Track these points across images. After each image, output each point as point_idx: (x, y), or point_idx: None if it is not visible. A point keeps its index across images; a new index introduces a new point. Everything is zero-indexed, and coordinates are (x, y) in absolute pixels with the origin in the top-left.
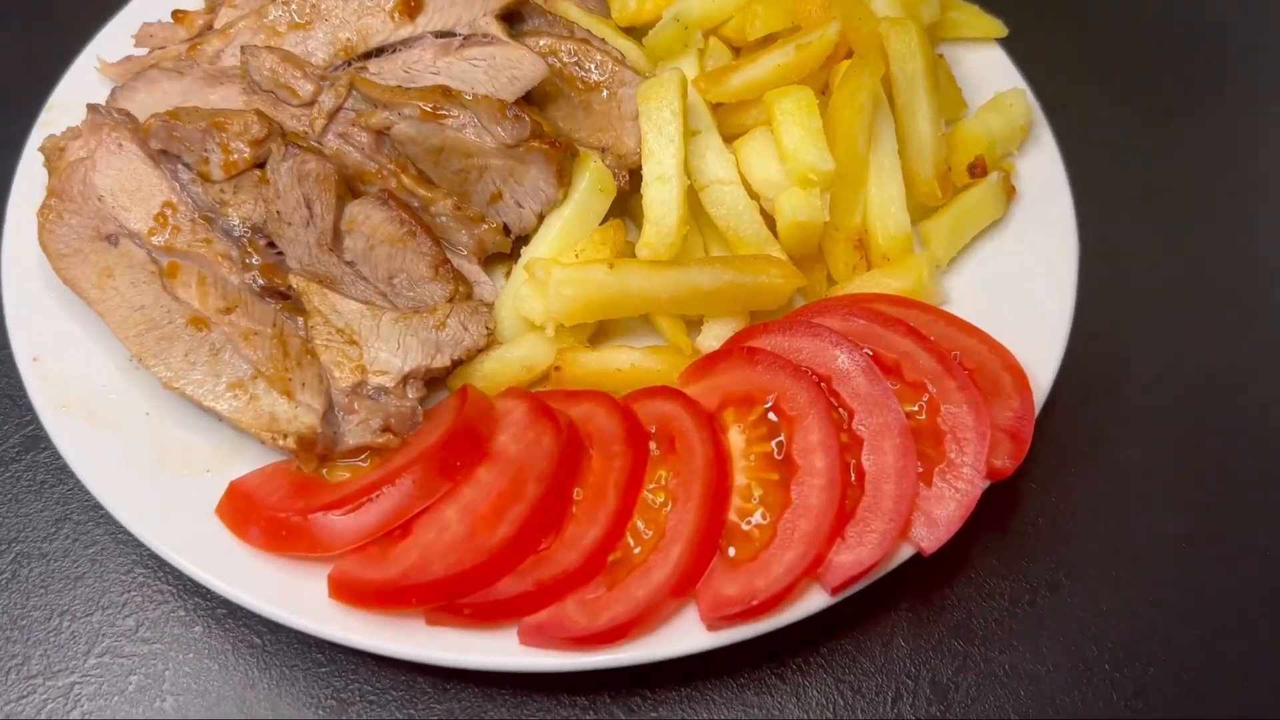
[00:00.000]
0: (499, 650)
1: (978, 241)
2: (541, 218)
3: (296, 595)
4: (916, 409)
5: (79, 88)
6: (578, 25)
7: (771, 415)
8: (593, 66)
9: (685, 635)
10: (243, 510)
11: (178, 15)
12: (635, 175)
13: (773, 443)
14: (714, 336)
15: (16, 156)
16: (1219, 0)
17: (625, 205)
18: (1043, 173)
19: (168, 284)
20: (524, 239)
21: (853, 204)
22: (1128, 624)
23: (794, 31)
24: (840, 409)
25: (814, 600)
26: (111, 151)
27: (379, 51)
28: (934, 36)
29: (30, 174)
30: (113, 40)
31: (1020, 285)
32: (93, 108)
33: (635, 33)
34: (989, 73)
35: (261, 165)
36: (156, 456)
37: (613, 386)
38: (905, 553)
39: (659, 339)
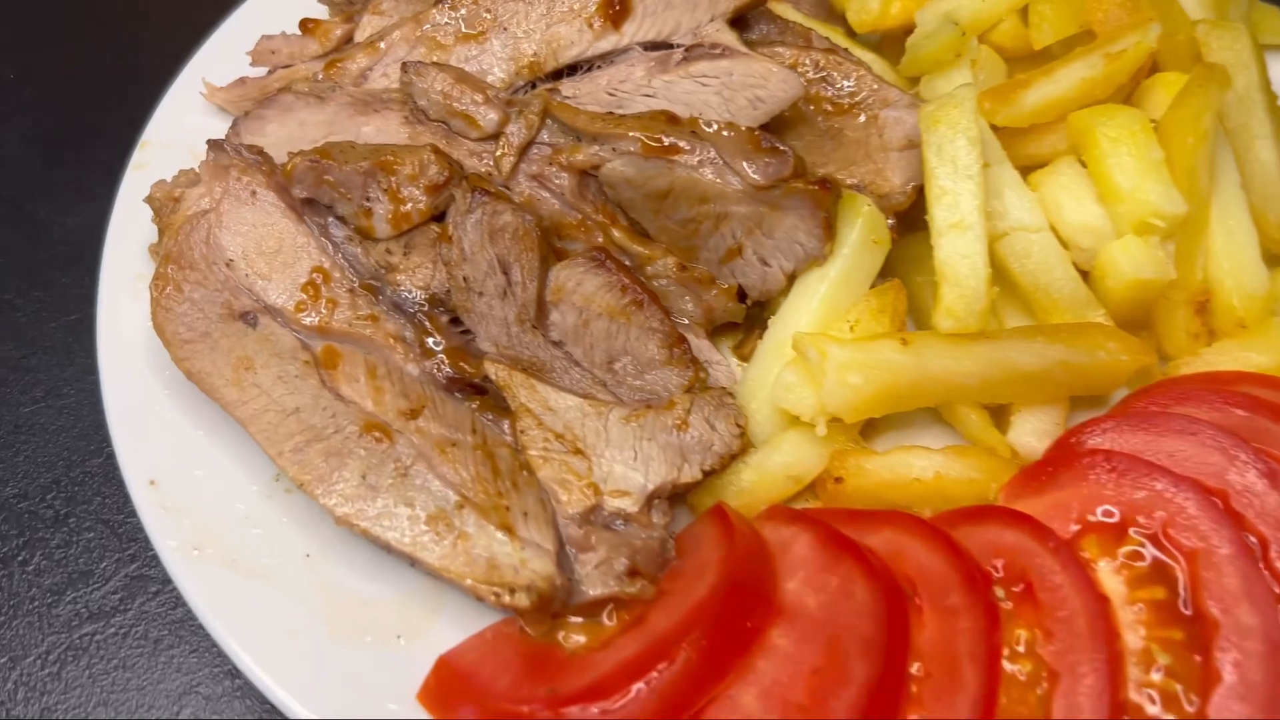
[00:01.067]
0: None
1: None
2: (792, 278)
3: None
4: None
5: (178, 120)
6: (815, 31)
7: (1149, 547)
8: (846, 84)
9: None
10: (460, 694)
11: (307, 25)
12: (902, 218)
13: (1167, 587)
14: (1032, 432)
15: (106, 210)
16: None
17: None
18: None
19: (327, 377)
20: (759, 305)
21: (1192, 255)
22: None
23: (1086, 38)
24: (1249, 536)
25: None
26: (243, 201)
27: (573, 69)
28: None
29: (126, 234)
30: (217, 58)
31: None
32: (215, 144)
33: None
34: None
35: (440, 218)
36: (327, 617)
37: (906, 501)
38: None
39: (948, 433)
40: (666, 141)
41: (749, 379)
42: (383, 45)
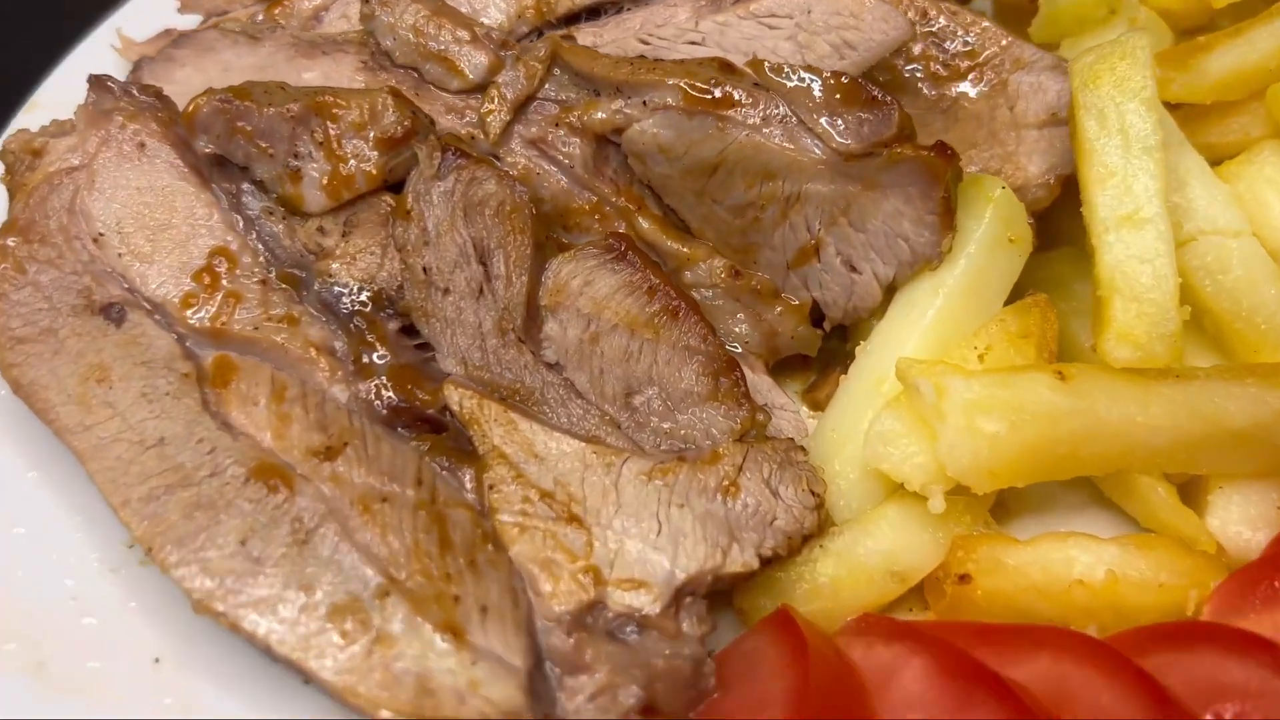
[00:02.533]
0: None
1: None
2: (891, 290)
3: None
4: None
5: (81, 80)
6: None
7: None
8: (964, 39)
9: None
10: None
11: None
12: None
13: None
14: (1243, 518)
15: None
16: None
17: None
18: None
19: (213, 398)
20: (839, 338)
21: None
22: None
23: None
24: None
25: None
26: (126, 157)
27: (595, 12)
28: None
29: None
30: (144, 9)
31: None
32: (98, 81)
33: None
34: None
35: (396, 187)
36: None
37: (1062, 614)
38: None
39: (1116, 518)
40: (718, 91)
41: (828, 429)
42: None
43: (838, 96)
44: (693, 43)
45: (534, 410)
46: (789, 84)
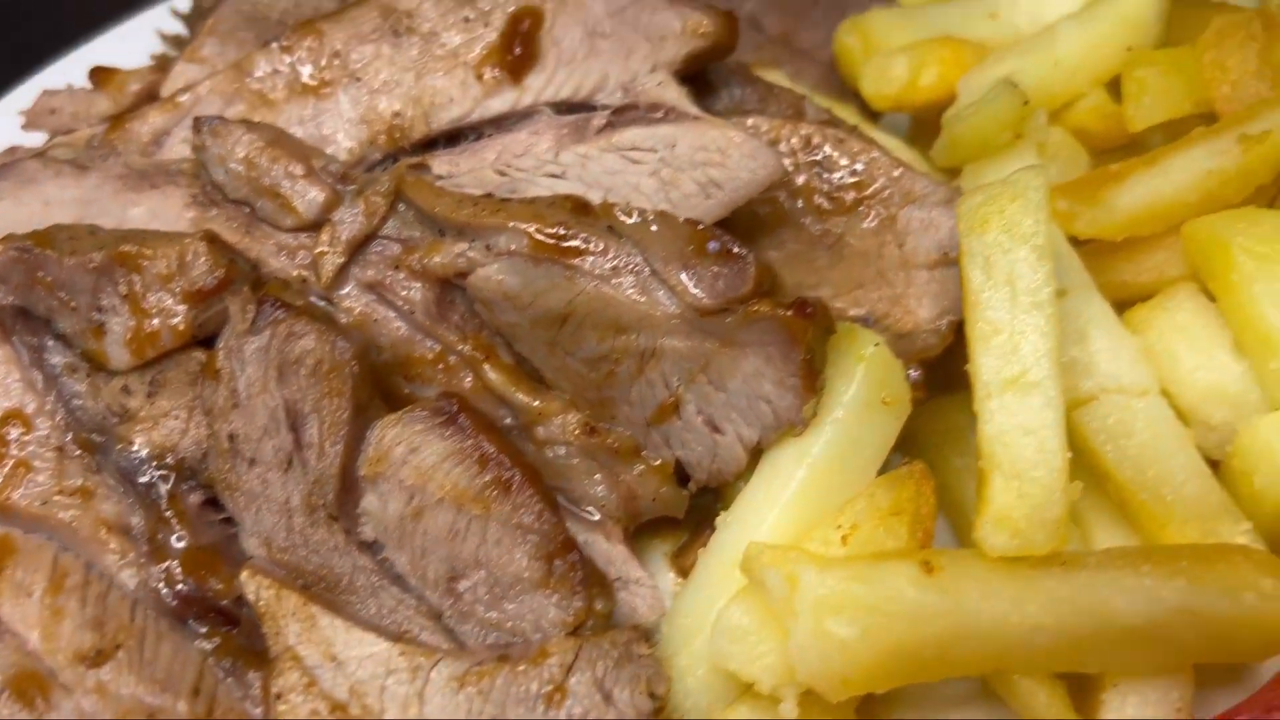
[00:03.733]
0: None
1: None
2: (758, 453)
3: None
4: None
5: None
6: (809, 100)
7: None
8: (850, 169)
9: None
10: None
11: (100, 75)
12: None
13: None
14: None
15: None
16: None
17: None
18: None
19: None
20: (713, 493)
21: None
22: None
23: (1199, 124)
24: None
25: None
26: None
27: (454, 138)
28: None
29: None
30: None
31: None
32: None
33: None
34: None
35: (207, 342)
36: None
37: None
38: None
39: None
40: (566, 237)
41: (679, 615)
42: (186, 100)
43: (691, 247)
44: (553, 175)
45: (341, 600)
46: (642, 231)
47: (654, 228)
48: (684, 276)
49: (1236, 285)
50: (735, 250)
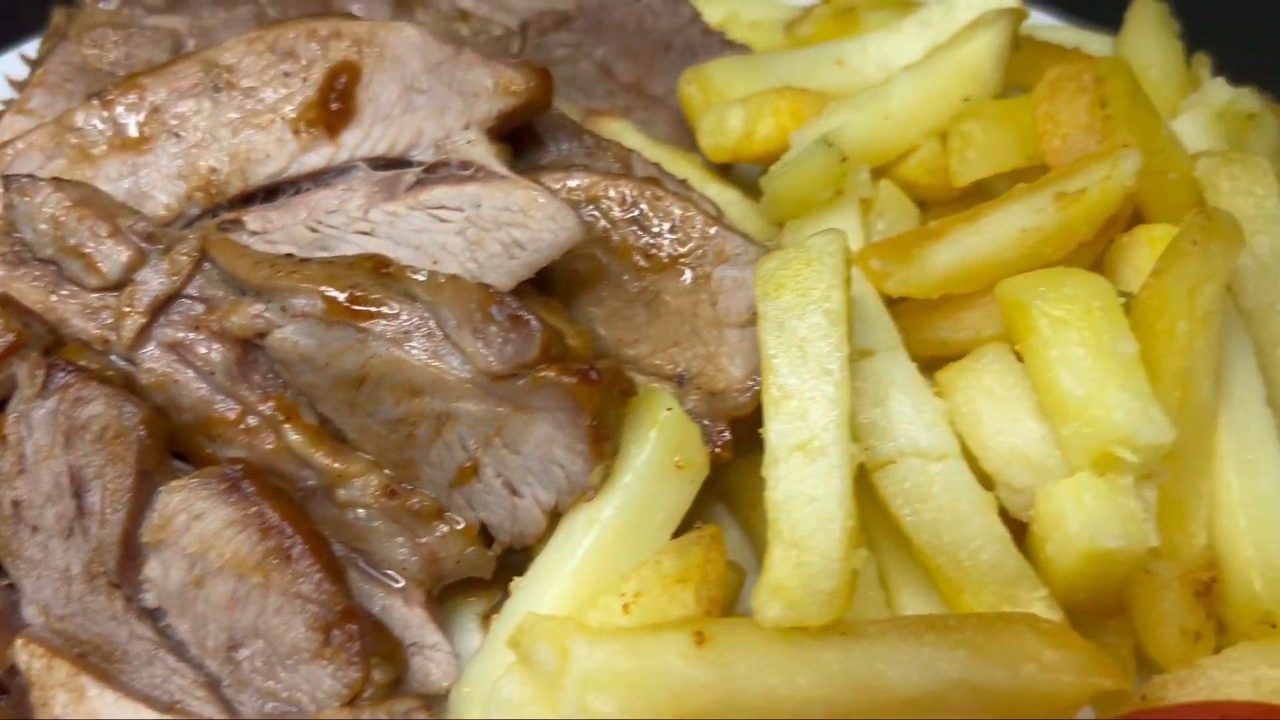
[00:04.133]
0: None
1: None
2: (556, 516)
3: None
4: None
5: None
6: (638, 155)
7: None
8: (666, 227)
9: None
10: None
11: None
12: (743, 431)
13: None
14: None
15: None
16: None
17: (719, 485)
18: None
19: None
20: (525, 555)
21: (1191, 507)
22: None
23: (1038, 175)
24: None
25: None
26: None
27: (272, 193)
28: None
29: None
30: None
31: None
32: None
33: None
34: None
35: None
36: None
37: None
38: None
39: None
40: (358, 300)
41: (465, 683)
42: (9, 154)
43: (480, 312)
44: (362, 233)
45: (116, 669)
46: (433, 293)
47: (445, 291)
48: (473, 341)
49: (1035, 348)
50: (521, 315)
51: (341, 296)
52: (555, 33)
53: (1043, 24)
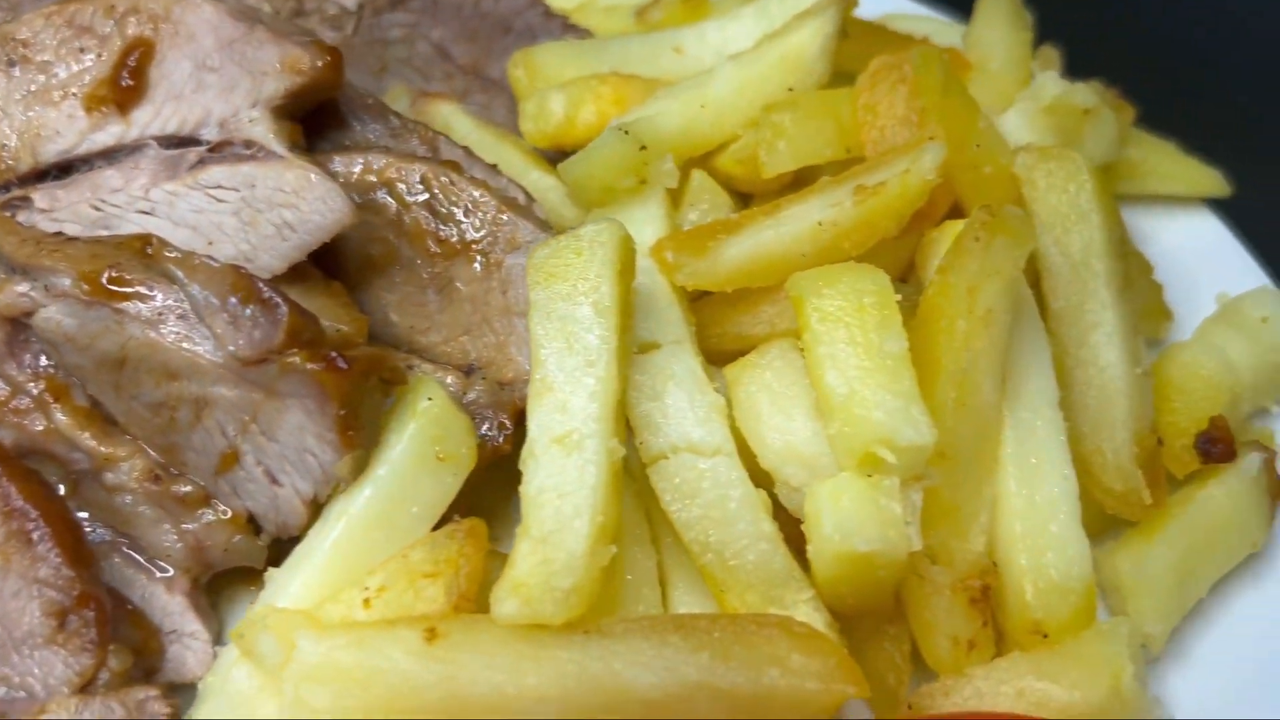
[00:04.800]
0: None
1: (1223, 592)
2: (318, 507)
3: None
4: None
5: None
6: (446, 138)
7: None
8: (461, 212)
9: None
10: None
11: None
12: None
13: None
14: None
15: None
16: None
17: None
18: None
19: None
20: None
21: (969, 511)
22: None
23: (850, 166)
24: None
25: None
26: None
27: (63, 170)
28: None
29: None
30: None
31: None
32: None
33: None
34: (1206, 261)
35: None
36: None
37: None
38: None
39: None
40: (115, 281)
41: (213, 672)
42: None
43: (232, 295)
44: (143, 212)
45: None
46: (188, 275)
47: (200, 273)
48: (223, 324)
49: (808, 343)
50: (270, 299)
51: (98, 277)
52: (390, 13)
53: (905, 12)
